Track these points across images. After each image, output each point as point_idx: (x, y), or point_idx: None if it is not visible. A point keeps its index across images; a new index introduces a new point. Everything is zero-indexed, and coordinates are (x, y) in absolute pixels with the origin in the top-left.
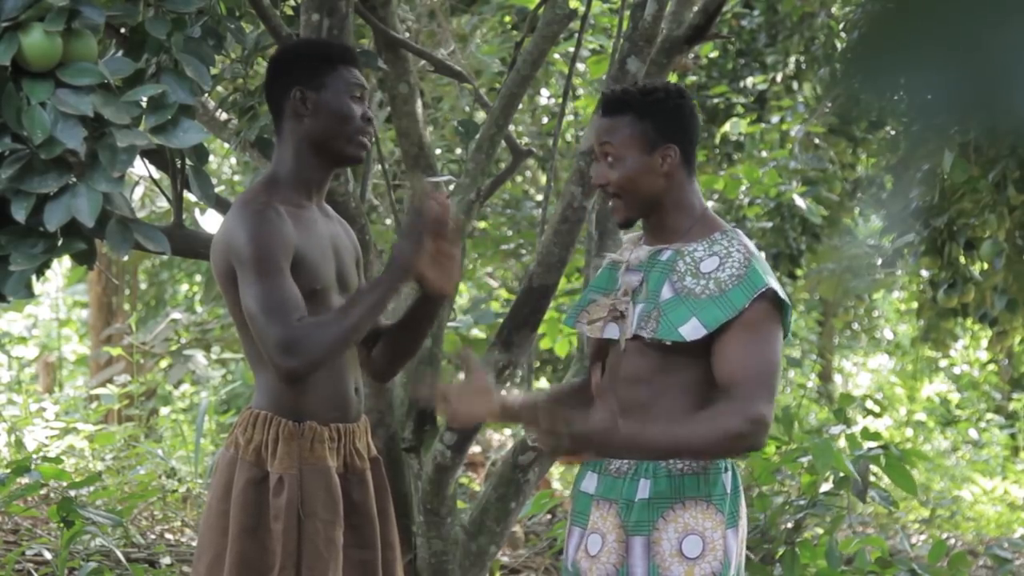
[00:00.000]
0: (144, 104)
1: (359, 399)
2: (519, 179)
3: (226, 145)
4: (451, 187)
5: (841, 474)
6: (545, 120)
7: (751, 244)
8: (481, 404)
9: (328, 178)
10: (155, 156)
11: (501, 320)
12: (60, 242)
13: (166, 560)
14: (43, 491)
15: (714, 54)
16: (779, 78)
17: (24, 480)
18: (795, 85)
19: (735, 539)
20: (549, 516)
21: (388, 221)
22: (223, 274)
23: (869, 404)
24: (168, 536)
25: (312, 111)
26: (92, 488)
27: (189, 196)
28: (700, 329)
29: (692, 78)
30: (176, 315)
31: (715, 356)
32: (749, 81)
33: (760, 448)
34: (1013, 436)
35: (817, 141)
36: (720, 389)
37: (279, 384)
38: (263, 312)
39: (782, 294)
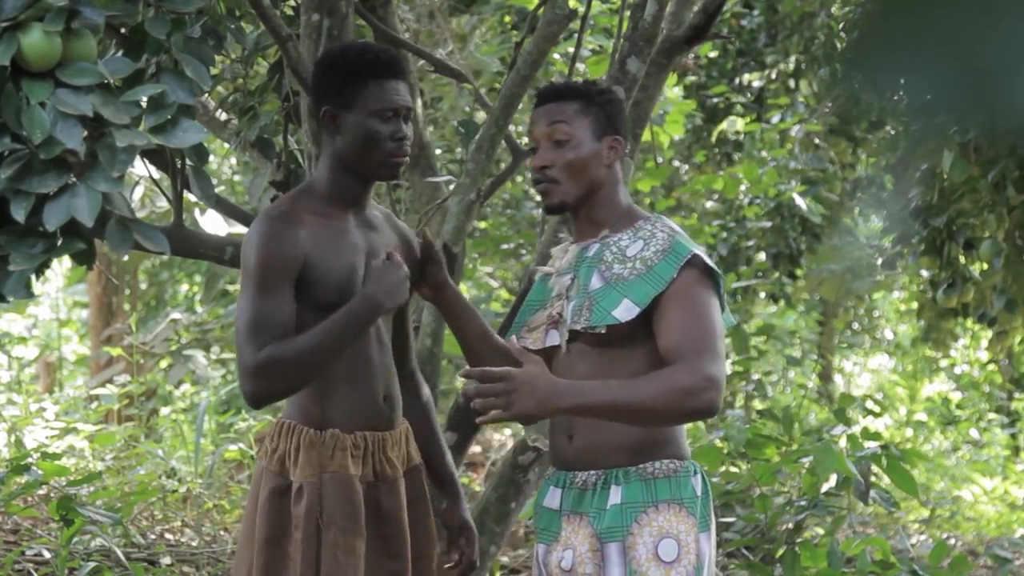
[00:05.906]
0: (144, 104)
1: (391, 408)
2: (519, 179)
3: (226, 145)
4: (451, 187)
5: (843, 474)
6: None
7: (676, 225)
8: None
9: (366, 190)
10: (155, 156)
11: (501, 320)
12: (60, 242)
13: (166, 560)
14: (43, 490)
15: (714, 54)
16: (776, 75)
17: (24, 478)
18: (792, 83)
19: (708, 543)
20: None
21: None
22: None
23: (869, 404)
24: (168, 536)
25: (341, 131)
26: (92, 488)
27: (189, 196)
28: (633, 308)
29: (692, 78)
30: (176, 315)
31: (657, 335)
32: (746, 78)
33: (715, 411)
34: (1014, 436)
35: (817, 141)
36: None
37: (305, 394)
38: (242, 331)
39: (710, 262)
